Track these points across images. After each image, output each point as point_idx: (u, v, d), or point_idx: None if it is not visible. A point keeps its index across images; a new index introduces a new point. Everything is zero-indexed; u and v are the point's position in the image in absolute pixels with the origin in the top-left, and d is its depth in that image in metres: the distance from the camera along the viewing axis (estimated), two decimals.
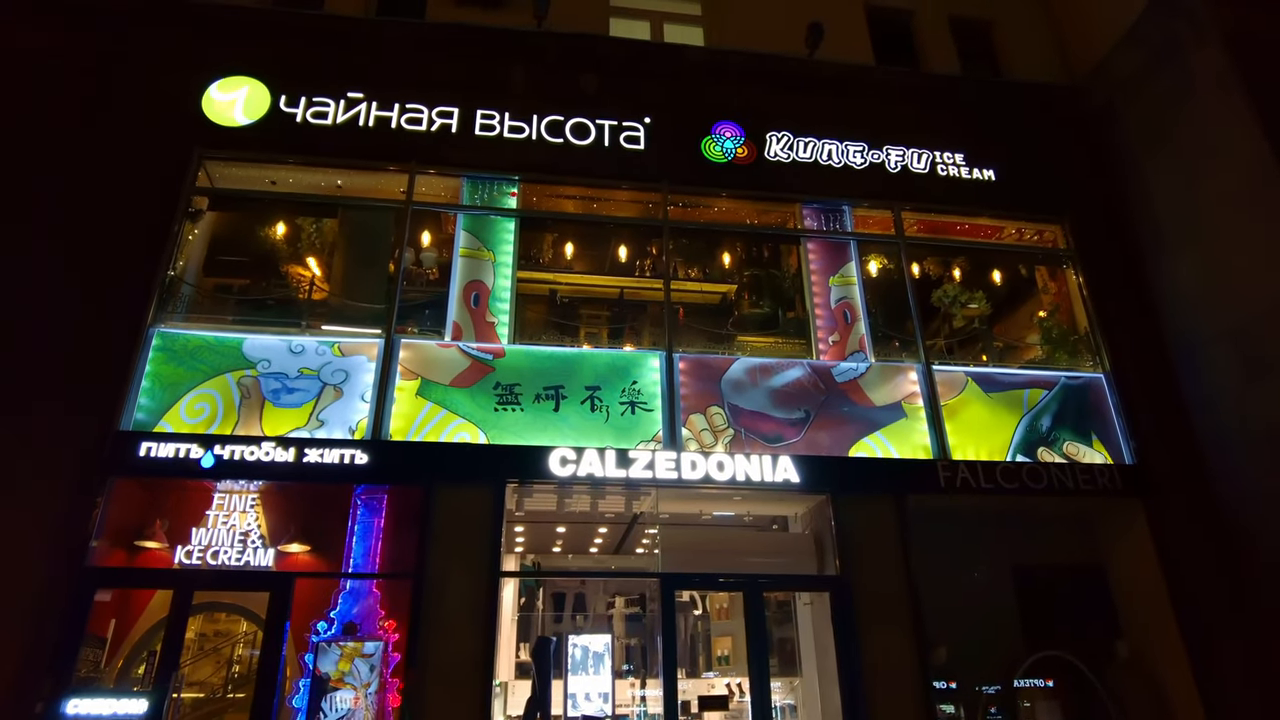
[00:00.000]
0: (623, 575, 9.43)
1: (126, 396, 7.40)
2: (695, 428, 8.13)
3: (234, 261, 8.69)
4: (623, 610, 12.91)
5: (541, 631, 11.40)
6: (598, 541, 11.23)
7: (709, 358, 8.59)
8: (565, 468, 7.51)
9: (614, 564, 10.90)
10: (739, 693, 9.56)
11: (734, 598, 12.82)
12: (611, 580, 12.72)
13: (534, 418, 7.91)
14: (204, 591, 7.32)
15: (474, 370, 8.03)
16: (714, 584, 8.13)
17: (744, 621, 7.42)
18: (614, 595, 12.96)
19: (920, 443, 8.46)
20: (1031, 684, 8.19)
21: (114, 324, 7.65)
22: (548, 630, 11.26)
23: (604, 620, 12.23)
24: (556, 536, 10.61)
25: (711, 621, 13.17)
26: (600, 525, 10.16)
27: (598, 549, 11.37)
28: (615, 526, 10.48)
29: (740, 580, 7.73)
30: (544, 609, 12.51)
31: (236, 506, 7.69)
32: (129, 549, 7.45)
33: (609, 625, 11.46)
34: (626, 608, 12.92)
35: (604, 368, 8.28)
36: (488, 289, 8.49)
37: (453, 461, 7.52)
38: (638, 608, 12.84)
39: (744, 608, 7.54)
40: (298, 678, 7.06)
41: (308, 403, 7.67)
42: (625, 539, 10.85)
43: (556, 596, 13.42)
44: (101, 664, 7.16)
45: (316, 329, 8.16)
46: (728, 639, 13.20)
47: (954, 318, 9.75)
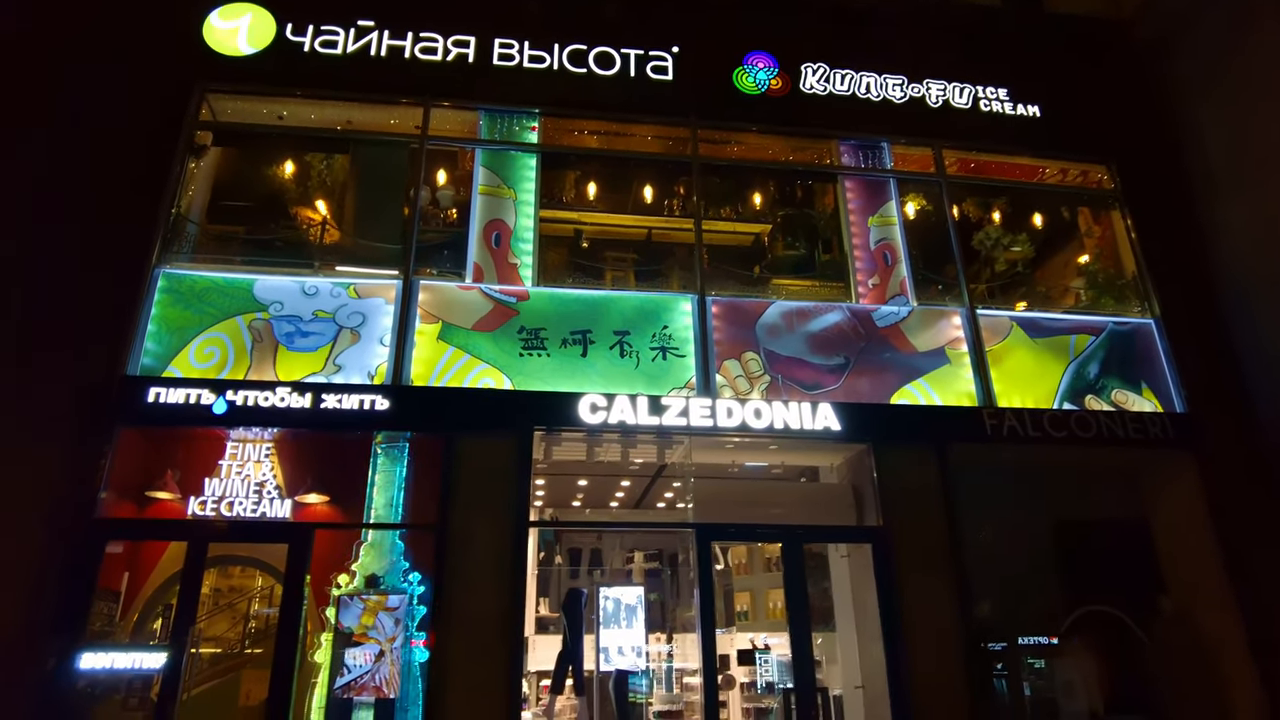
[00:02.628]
0: (657, 527, 9.10)
1: (132, 341, 7.01)
2: (730, 374, 7.74)
3: (242, 199, 8.22)
4: (642, 565, 12.68)
5: (559, 586, 11.18)
6: (619, 496, 10.92)
7: (743, 301, 8.16)
8: (595, 415, 7.13)
9: (647, 517, 10.57)
10: (765, 648, 9.35)
11: (753, 554, 12.59)
12: (629, 535, 12.49)
13: (560, 363, 7.52)
14: (219, 544, 6.99)
15: (497, 314, 7.62)
16: (752, 535, 7.83)
17: (775, 575, 7.16)
18: (631, 550, 12.72)
19: (964, 390, 8.08)
20: (1075, 638, 7.93)
21: (117, 265, 7.24)
22: (564, 585, 11.04)
23: (622, 575, 12.01)
24: (576, 490, 10.29)
25: (732, 577, 12.96)
26: (624, 478, 9.84)
27: (619, 503, 11.07)
28: (637, 480, 10.15)
29: (779, 532, 7.40)
30: (563, 563, 12.29)
31: (250, 456, 7.33)
32: (139, 500, 7.11)
33: (628, 580, 11.23)
34: (645, 562, 12.70)
35: (633, 311, 7.86)
36: (509, 229, 8.04)
37: (477, 408, 7.15)
38: (656, 563, 12.61)
39: (783, 560, 7.22)
40: (318, 632, 6.77)
41: (323, 347, 7.27)
42: (647, 493, 10.54)
43: (573, 552, 13.19)
44: (115, 618, 6.87)
45: (330, 270, 7.74)
46: (746, 594, 13.01)
47: (995, 261, 9.31)
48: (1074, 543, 8.33)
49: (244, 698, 7.54)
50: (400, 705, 6.52)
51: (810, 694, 6.73)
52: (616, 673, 7.13)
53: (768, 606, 12.19)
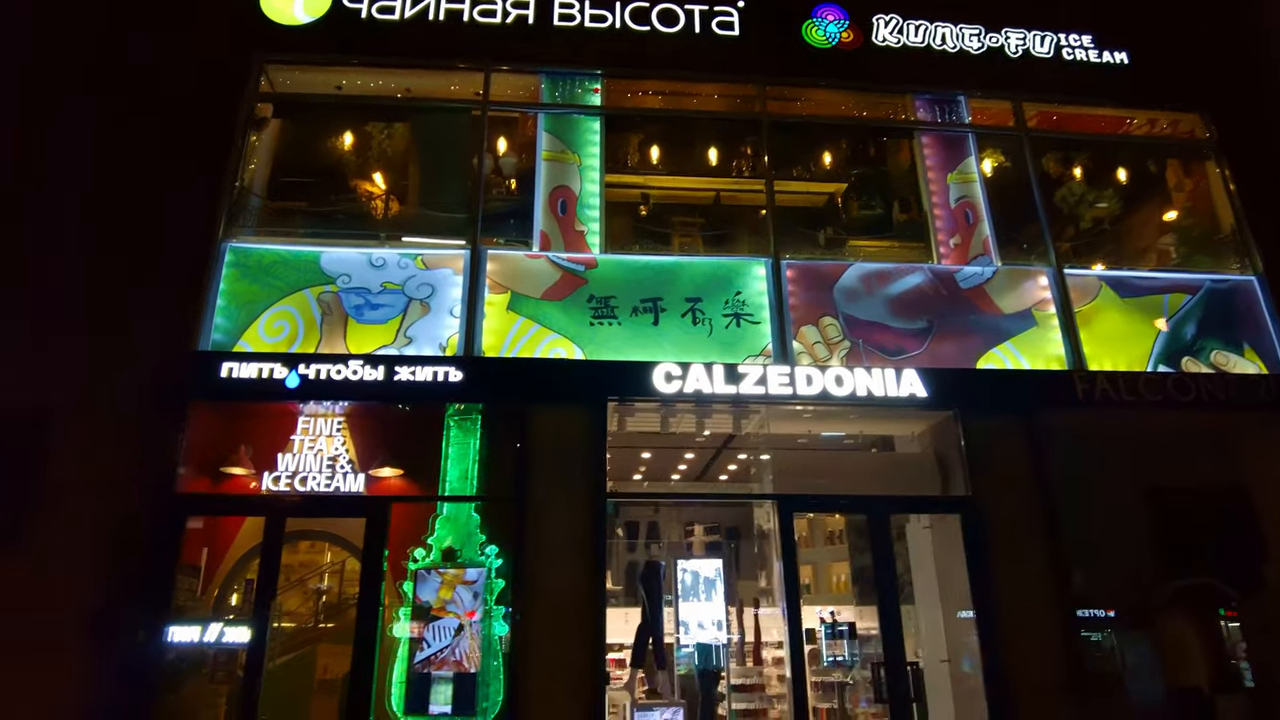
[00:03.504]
0: (738, 498, 8.87)
1: (203, 316, 6.96)
2: (807, 340, 7.45)
3: (303, 172, 8.09)
4: (702, 539, 12.49)
5: (618, 560, 11.05)
6: (680, 469, 10.73)
7: (819, 264, 7.85)
8: (670, 384, 6.91)
9: (718, 489, 10.35)
10: (833, 621, 9.11)
11: (814, 527, 12.31)
12: (686, 509, 12.32)
13: (632, 332, 7.30)
14: (295, 519, 6.95)
15: (566, 282, 7.41)
16: (835, 506, 7.58)
17: (838, 549, 6.90)
18: (689, 524, 12.54)
19: (1053, 353, 7.68)
20: (1174, 611, 7.56)
21: (185, 240, 7.19)
22: (623, 559, 10.92)
23: (681, 549, 11.83)
24: (638, 463, 10.13)
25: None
26: (690, 450, 9.64)
27: (680, 476, 10.89)
28: (701, 453, 9.96)
29: (864, 502, 7.13)
30: (623, 537, 12.15)
31: (323, 430, 7.26)
32: (214, 476, 7.09)
33: (689, 553, 11.06)
34: (705, 536, 12.51)
35: (704, 277, 7.60)
36: (575, 195, 7.80)
37: (550, 378, 6.98)
38: (716, 536, 12.42)
39: (869, 532, 6.95)
40: (396, 606, 6.69)
41: (393, 319, 7.14)
42: (710, 466, 10.34)
43: (629, 526, 13.04)
44: (198, 593, 6.88)
45: (397, 241, 7.60)
46: (808, 567, 12.75)
47: (1080, 219, 8.83)
48: (1171, 511, 7.92)
49: (321, 671, 7.56)
50: (480, 679, 6.44)
51: (900, 667, 6.49)
52: (698, 646, 6.96)
53: (831, 580, 11.94)
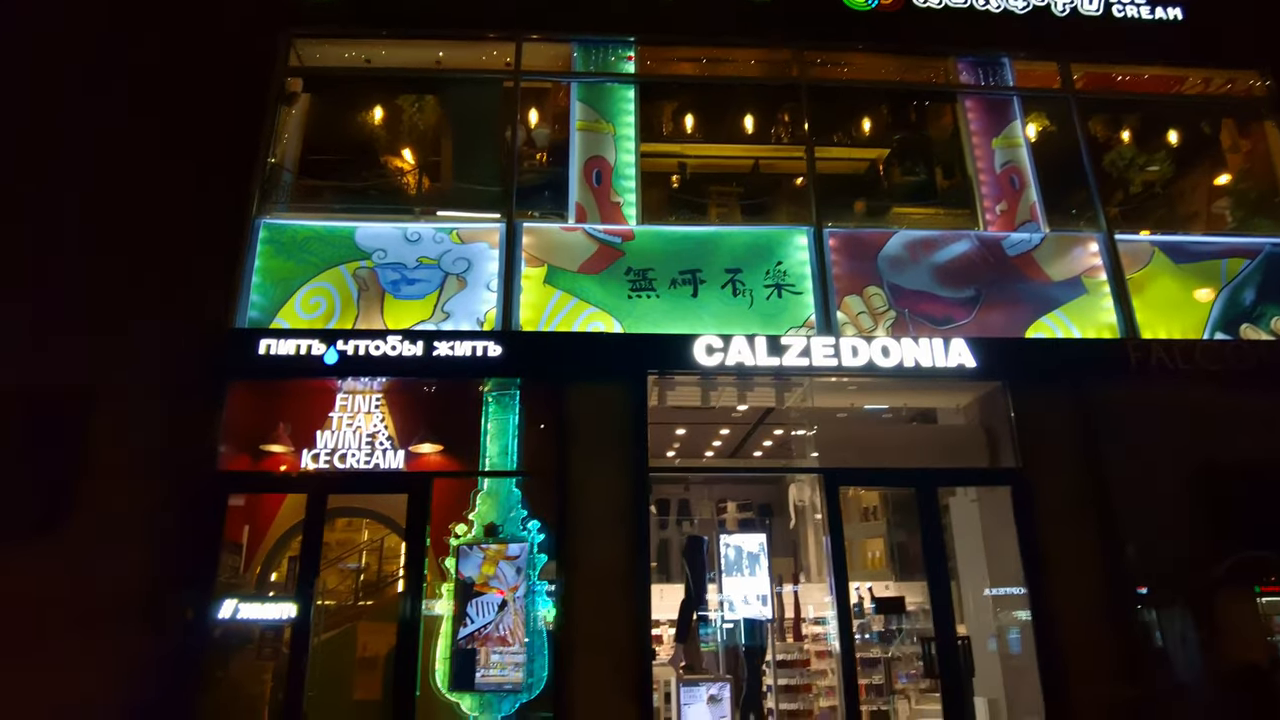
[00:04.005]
0: (781, 472, 8.72)
1: (238, 293, 6.91)
2: (851, 311, 7.27)
3: (335, 148, 7.99)
4: (735, 515, 12.38)
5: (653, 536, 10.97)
6: (715, 445, 10.62)
7: (863, 232, 7.65)
8: (711, 357, 6.77)
9: (748, 464, 10.23)
10: (868, 598, 9.00)
11: (847, 502, 12.16)
12: (717, 485, 12.22)
13: (671, 304, 7.16)
14: (336, 496, 6.91)
15: (602, 255, 7.27)
16: (882, 479, 7.43)
17: (873, 525, 6.75)
18: (721, 501, 12.43)
19: (1105, 321, 7.45)
20: (1231, 585, 7.34)
21: (219, 217, 7.13)
22: (654, 536, 10.83)
23: (713, 526, 11.73)
24: (672, 439, 10.01)
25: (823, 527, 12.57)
26: (726, 425, 9.53)
27: (713, 452, 10.77)
28: (737, 428, 9.83)
29: (912, 475, 6.97)
30: (654, 513, 12.06)
31: (361, 407, 7.20)
32: (253, 454, 7.06)
33: (720, 530, 10.94)
34: (739, 513, 12.40)
35: (744, 248, 7.43)
36: (610, 165, 7.64)
37: (589, 352, 6.88)
38: (749, 513, 12.30)
39: (918, 506, 6.80)
40: (438, 582, 6.65)
41: (430, 294, 7.05)
42: (746, 441, 10.21)
43: (660, 503, 12.95)
44: (240, 570, 6.88)
45: (431, 215, 7.50)
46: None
47: (1130, 183, 8.53)
48: (1228, 484, 7.65)
49: (361, 649, 7.54)
50: (525, 655, 6.39)
51: (951, 642, 6.36)
52: (745, 621, 6.87)
53: (865, 556, 11.81)
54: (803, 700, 7.94)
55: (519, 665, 6.39)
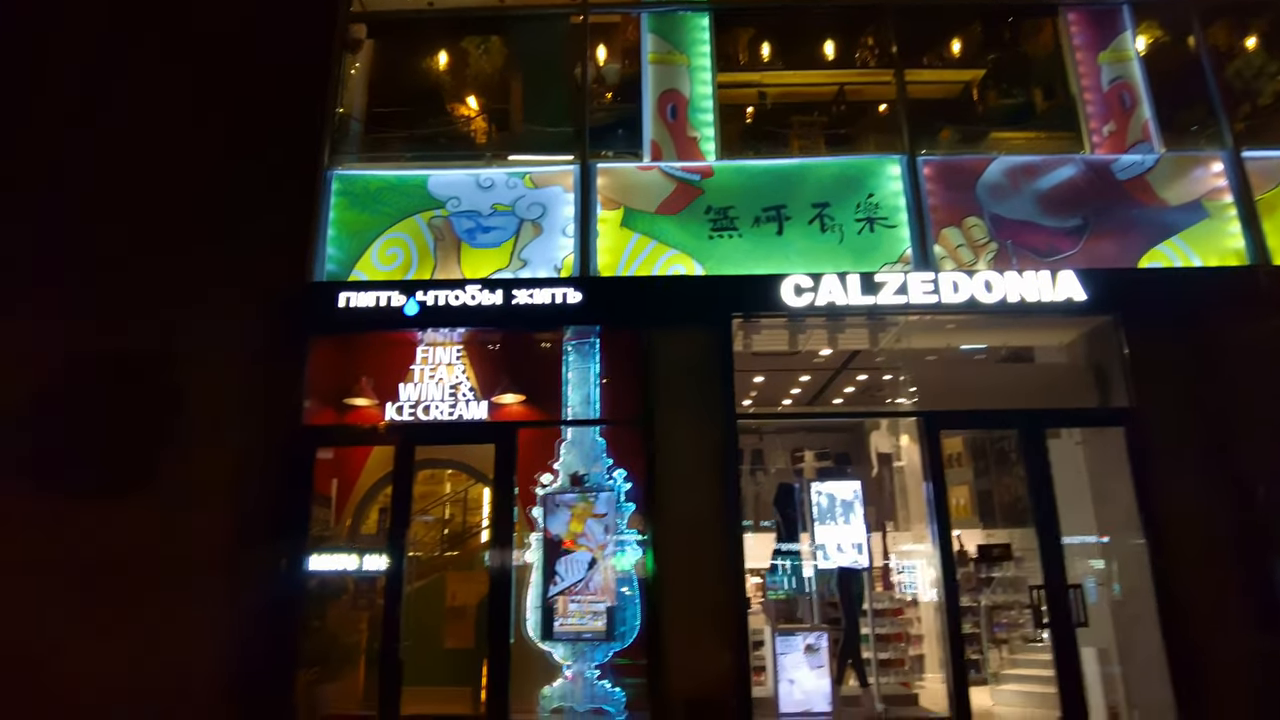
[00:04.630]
0: (879, 415, 8.41)
1: (315, 247, 6.83)
2: (949, 244, 6.83)
3: (402, 95, 7.80)
4: (812, 464, 12.11)
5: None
6: (794, 392, 10.30)
7: (960, 160, 7.14)
8: (800, 297, 6.45)
9: (843, 409, 9.87)
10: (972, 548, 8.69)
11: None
12: (791, 435, 11.94)
13: (754, 243, 6.83)
14: (422, 448, 6.87)
15: (681, 194, 6.96)
16: (985, 422, 7.05)
17: (957, 472, 6.39)
18: (797, 450, 12.15)
19: (1230, 248, 6.84)
20: None
21: (291, 172, 7.02)
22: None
23: (789, 475, 11.49)
24: (749, 387, 9.73)
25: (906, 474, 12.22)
26: (808, 371, 9.19)
27: (792, 400, 10.46)
28: (817, 374, 9.48)
29: (1015, 417, 6.57)
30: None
31: (442, 359, 7.13)
32: (338, 408, 7.07)
33: (799, 478, 10.70)
34: (817, 462, 12.11)
35: (831, 180, 7.02)
36: (685, 99, 7.27)
37: (670, 296, 6.63)
38: (828, 461, 12.01)
39: (1023, 449, 6.43)
40: (525, 532, 6.58)
41: (506, 241, 6.87)
42: (827, 387, 9.87)
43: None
44: (331, 522, 6.94)
45: (503, 160, 7.26)
46: (922, 490, 12.23)
47: (1259, 94, 7.75)
48: None
49: (450, 598, 7.59)
50: (618, 605, 6.31)
51: (1062, 591, 6.04)
52: (840, 569, 6.66)
53: (951, 504, 11.45)
54: (894, 649, 7.72)
55: (598, 615, 6.32)
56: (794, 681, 6.20)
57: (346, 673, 6.48)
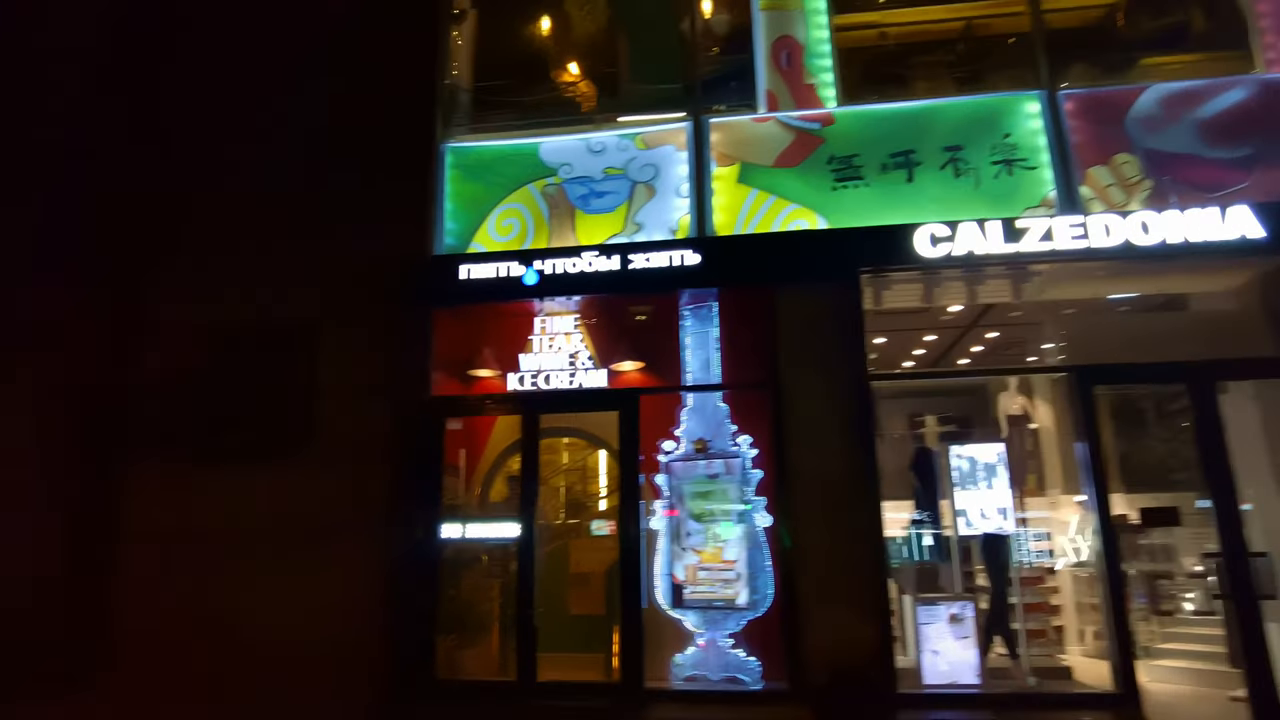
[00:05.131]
0: (1027, 371, 7.90)
1: (433, 221, 6.88)
2: (1098, 184, 6.26)
3: (507, 63, 7.73)
4: (935, 429, 11.57)
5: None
6: (916, 353, 9.81)
7: (1106, 91, 6.52)
8: (936, 248, 6.05)
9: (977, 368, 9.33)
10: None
11: (1064, 408, 11.04)
12: (908, 399, 11.41)
13: (882, 193, 6.45)
14: (545, 416, 6.87)
15: (800, 144, 6.63)
16: (1147, 375, 6.46)
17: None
18: (916, 414, 11.62)
19: None
20: None
21: (406, 147, 7.07)
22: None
23: (910, 440, 11.00)
24: (868, 348, 9.30)
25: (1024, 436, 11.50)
26: (937, 329, 8.71)
27: (915, 362, 9.97)
28: (944, 332, 8.97)
29: (1182, 370, 6.00)
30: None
31: (559, 328, 7.09)
32: (462, 379, 7.16)
33: (919, 443, 10.21)
34: (939, 426, 11.57)
35: (964, 122, 6.54)
36: (800, 45, 6.91)
37: (794, 253, 6.33)
38: (952, 426, 11.44)
39: (1193, 405, 5.86)
40: (649, 500, 6.50)
41: (620, 205, 6.73)
42: (955, 344, 9.33)
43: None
44: (460, 492, 7.06)
45: (612, 122, 7.10)
46: (1055, 453, 11.50)
47: None
48: None
49: (574, 565, 7.63)
50: (750, 572, 6.17)
51: (1242, 558, 5.49)
52: (985, 536, 6.29)
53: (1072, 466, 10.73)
54: (1036, 619, 7.29)
55: (729, 583, 6.20)
56: (938, 653, 5.91)
57: (481, 639, 6.60)
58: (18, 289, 6.64)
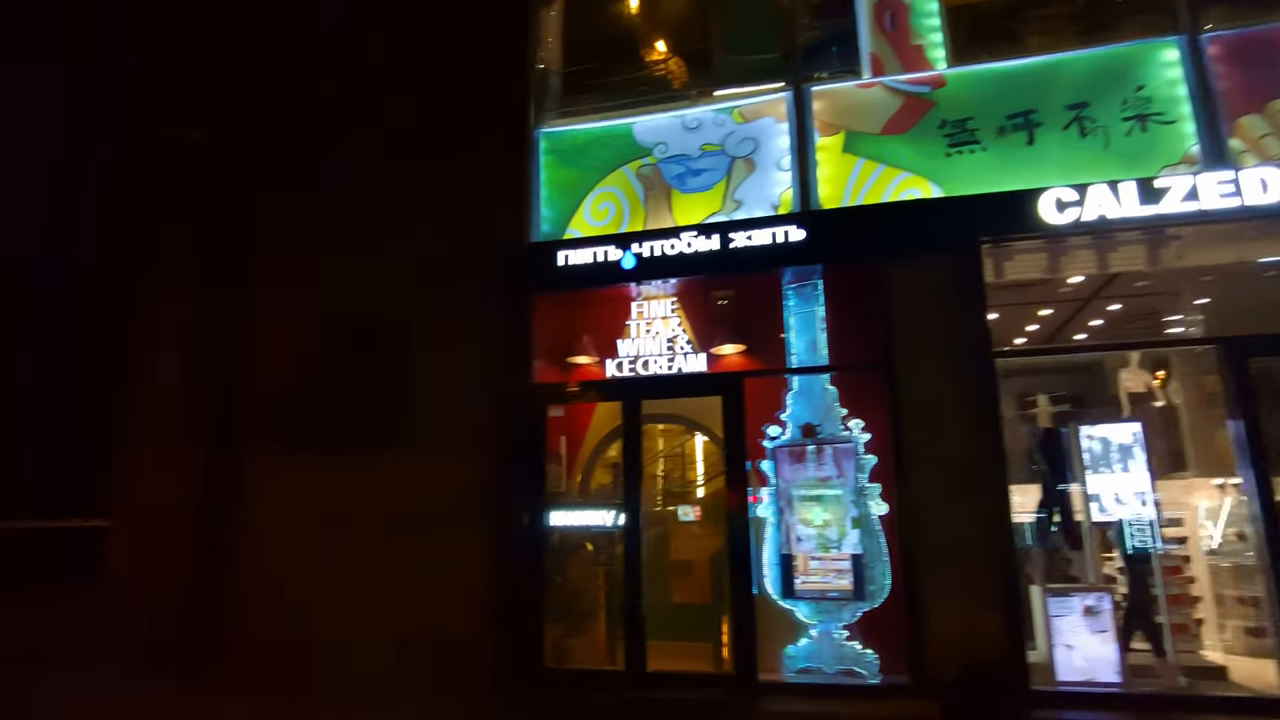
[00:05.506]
0: (1173, 345, 7.33)
1: (529, 208, 6.81)
2: (1250, 134, 5.67)
3: (597, 44, 7.58)
4: (1048, 409, 10.92)
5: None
6: (1029, 329, 9.23)
7: (1257, 31, 5.90)
8: (1063, 213, 5.61)
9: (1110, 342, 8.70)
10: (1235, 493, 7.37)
11: (1191, 384, 10.22)
12: (1017, 379, 10.78)
13: (1000, 157, 6.02)
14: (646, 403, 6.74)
15: (909, 109, 6.26)
16: None
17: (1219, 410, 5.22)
18: (1026, 394, 10.97)
19: None
20: None
21: (500, 135, 7.04)
22: None
23: (1022, 421, 10.37)
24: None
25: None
26: (1049, 304, 8.13)
27: (1027, 338, 9.38)
28: (1062, 306, 8.37)
29: None
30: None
31: (657, 313, 6.94)
32: (561, 366, 7.09)
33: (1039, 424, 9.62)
34: (1051, 405, 10.91)
35: (1090, 76, 6.03)
36: (904, 5, 6.53)
37: (906, 224, 6.00)
38: (1065, 405, 10.77)
39: None
40: (757, 486, 6.29)
41: (718, 183, 6.52)
42: (1074, 317, 8.72)
43: None
44: (563, 479, 7.01)
45: (708, 96, 6.87)
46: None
47: None
48: None
49: (674, 552, 7.50)
50: (865, 562, 5.90)
51: None
52: (1122, 523, 5.83)
53: (1210, 446, 9.89)
54: (1179, 613, 6.74)
55: (843, 573, 5.95)
56: (1072, 647, 5.52)
57: (588, 627, 6.55)
58: (151, 291, 7.01)
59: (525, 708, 5.64)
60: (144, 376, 7.21)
